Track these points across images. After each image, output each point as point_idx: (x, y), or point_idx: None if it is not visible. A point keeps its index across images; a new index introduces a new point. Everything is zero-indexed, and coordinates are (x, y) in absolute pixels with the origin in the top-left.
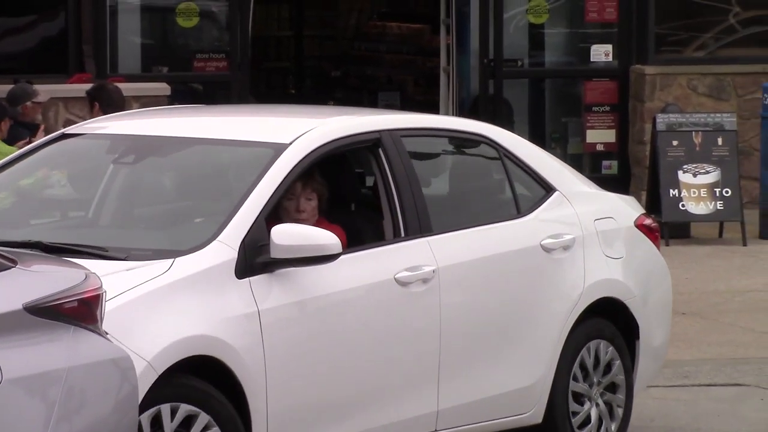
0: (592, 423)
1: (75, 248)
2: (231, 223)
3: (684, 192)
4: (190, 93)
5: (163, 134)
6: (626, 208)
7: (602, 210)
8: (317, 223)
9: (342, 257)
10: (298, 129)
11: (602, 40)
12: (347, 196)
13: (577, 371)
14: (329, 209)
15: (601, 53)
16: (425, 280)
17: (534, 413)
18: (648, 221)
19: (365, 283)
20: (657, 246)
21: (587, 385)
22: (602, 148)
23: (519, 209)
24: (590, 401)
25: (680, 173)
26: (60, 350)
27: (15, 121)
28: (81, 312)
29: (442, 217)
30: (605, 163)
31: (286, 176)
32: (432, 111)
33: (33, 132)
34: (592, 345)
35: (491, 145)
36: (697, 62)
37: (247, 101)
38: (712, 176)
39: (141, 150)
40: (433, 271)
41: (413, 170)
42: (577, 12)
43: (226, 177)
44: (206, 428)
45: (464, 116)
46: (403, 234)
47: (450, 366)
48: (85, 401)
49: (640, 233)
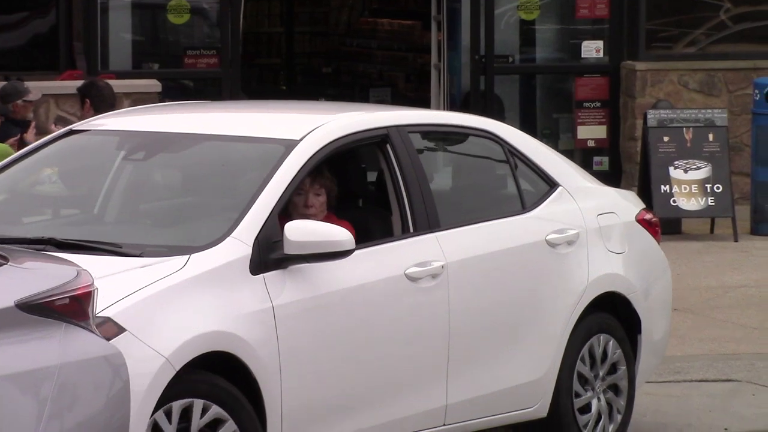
0: (592, 413)
1: (89, 245)
2: (245, 220)
3: (675, 188)
4: (181, 89)
5: (173, 130)
6: (627, 203)
7: (604, 205)
8: (326, 219)
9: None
10: (308, 125)
11: (593, 36)
12: (355, 192)
13: (581, 366)
14: (337, 205)
15: (592, 49)
16: (434, 276)
17: (539, 407)
18: (649, 216)
19: (376, 279)
20: (658, 240)
21: (591, 376)
22: (593, 144)
23: (524, 205)
24: (593, 391)
25: (671, 169)
26: (52, 347)
27: (6, 119)
28: (73, 309)
29: (449, 213)
30: (596, 160)
31: (298, 172)
32: (423, 107)
33: (24, 129)
34: (595, 339)
35: (497, 141)
36: (688, 58)
37: (239, 98)
38: (703, 172)
39: (151, 146)
40: (442, 267)
41: (421, 166)
42: (568, 8)
43: (237, 173)
44: (219, 422)
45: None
46: (412, 230)
47: (459, 361)
48: (77, 398)
49: (641, 228)
